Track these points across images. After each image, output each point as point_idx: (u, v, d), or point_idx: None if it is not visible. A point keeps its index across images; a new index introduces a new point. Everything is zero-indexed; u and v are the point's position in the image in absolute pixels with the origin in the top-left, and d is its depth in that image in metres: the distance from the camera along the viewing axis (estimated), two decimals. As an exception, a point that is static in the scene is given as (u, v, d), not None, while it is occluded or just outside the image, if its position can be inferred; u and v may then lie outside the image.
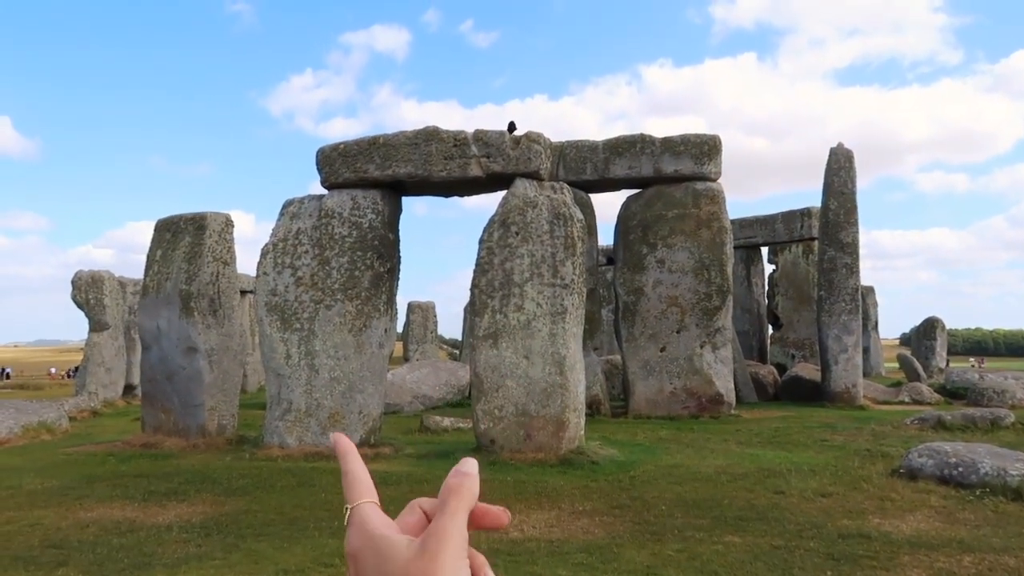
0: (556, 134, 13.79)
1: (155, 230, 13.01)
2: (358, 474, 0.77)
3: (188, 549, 5.98)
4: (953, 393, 19.06)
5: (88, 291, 21.48)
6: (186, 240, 12.40)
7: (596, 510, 7.11)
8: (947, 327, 31.55)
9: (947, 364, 30.96)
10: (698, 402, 15.10)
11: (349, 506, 0.74)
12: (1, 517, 7.10)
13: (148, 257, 12.81)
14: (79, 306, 21.61)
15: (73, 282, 21.70)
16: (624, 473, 8.90)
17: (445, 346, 45.76)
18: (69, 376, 42.80)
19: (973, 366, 37.20)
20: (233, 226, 12.86)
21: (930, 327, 30.26)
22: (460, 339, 34.95)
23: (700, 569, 5.25)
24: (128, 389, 22.51)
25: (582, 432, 10.33)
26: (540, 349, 10.08)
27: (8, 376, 43.20)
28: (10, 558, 5.76)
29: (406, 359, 30.26)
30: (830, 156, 18.06)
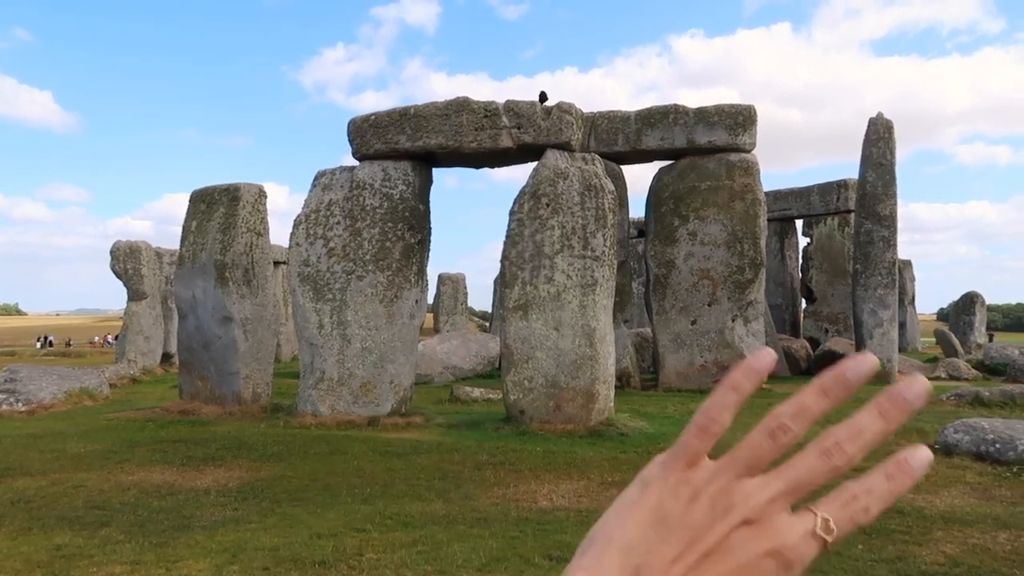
0: (586, 106, 13.61)
1: (190, 201, 13.19)
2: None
3: (225, 512, 6.13)
4: (992, 369, 18.70)
5: (126, 261, 21.91)
6: (220, 211, 12.55)
7: (625, 481, 7.07)
8: (987, 302, 30.86)
9: (991, 339, 30.33)
10: (729, 376, 15.01)
11: None
12: (47, 479, 7.34)
13: (184, 228, 13.00)
14: (118, 276, 22.08)
15: (112, 252, 22.14)
16: (653, 445, 8.90)
17: (475, 318, 45.98)
18: (100, 343, 43.93)
19: None
20: (266, 197, 12.98)
21: (969, 302, 29.62)
22: (489, 311, 35.10)
23: (729, 541, 5.25)
24: (166, 357, 23.02)
25: (611, 404, 10.34)
26: (570, 321, 10.08)
27: (51, 344, 44.43)
28: (56, 518, 5.96)
29: (436, 330, 30.48)
30: (869, 126, 17.63)
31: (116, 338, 27.38)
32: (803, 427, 0.52)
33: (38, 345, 43.94)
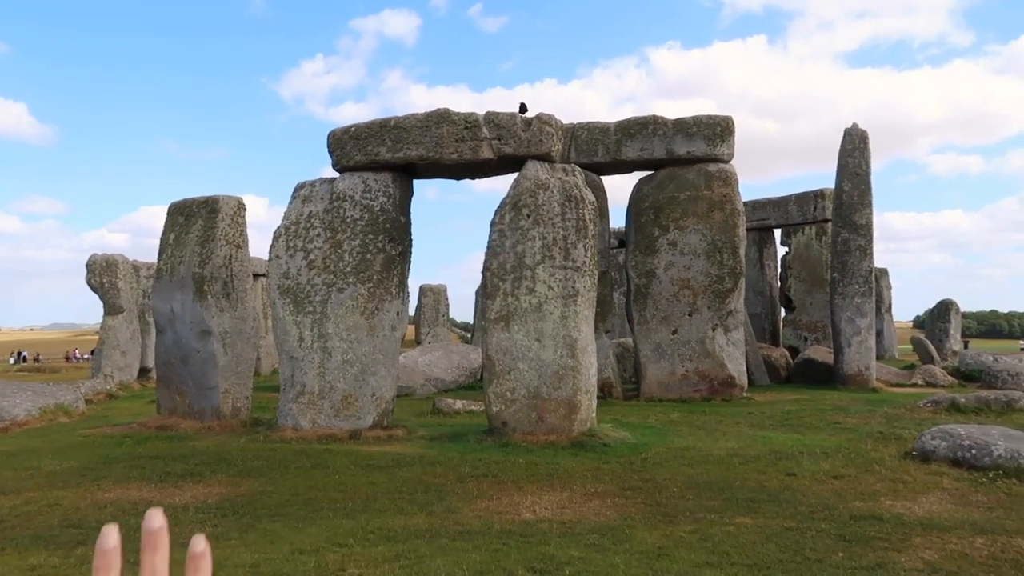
0: (566, 117, 13.68)
1: (168, 214, 13.07)
2: None
3: (205, 529, 6.05)
4: (967, 376, 18.95)
5: (102, 275, 21.65)
6: (199, 224, 12.45)
7: (608, 492, 7.14)
8: (962, 309, 31.33)
9: (966, 346, 30.76)
10: (710, 385, 15.10)
11: None
12: (21, 497, 7.21)
13: (161, 241, 12.87)
14: (94, 290, 21.80)
15: (88, 266, 21.87)
16: (636, 455, 8.92)
17: (456, 329, 45.88)
18: (68, 360, 43.31)
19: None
20: (245, 209, 12.90)
21: (944, 310, 30.05)
22: (471, 322, 35.04)
23: (712, 550, 5.26)
24: (143, 372, 22.73)
25: (594, 415, 10.35)
26: (552, 332, 10.09)
27: (25, 359, 43.72)
28: (30, 537, 5.86)
29: (418, 342, 30.38)
30: (844, 137, 17.88)
31: (92, 353, 26.98)
32: None
33: (11, 361, 43.23)
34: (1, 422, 12.42)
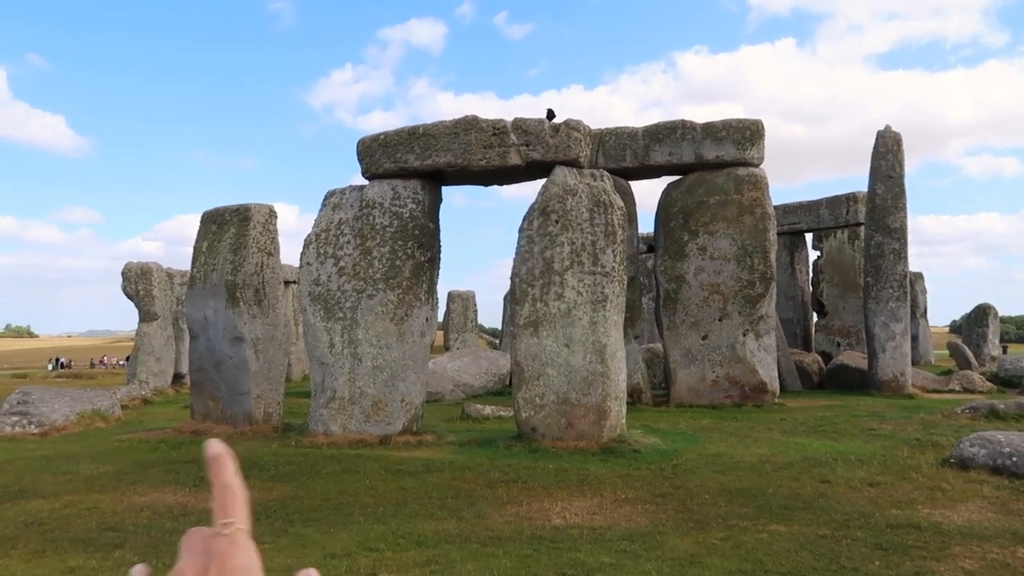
0: (593, 123, 13.69)
1: (201, 222, 13.28)
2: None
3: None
4: (1006, 381, 18.53)
5: (138, 282, 22.06)
6: (231, 231, 12.63)
7: (639, 498, 7.09)
8: (1000, 314, 30.63)
9: (1005, 351, 30.08)
10: (741, 391, 14.94)
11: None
12: (60, 501, 7.36)
13: (195, 248, 13.08)
14: (129, 297, 22.22)
15: (123, 274, 22.30)
16: (666, 462, 8.85)
17: (485, 335, 45.94)
18: (92, 366, 44.13)
19: None
20: (276, 217, 13.06)
21: (981, 314, 29.41)
22: (500, 328, 35.08)
23: (745, 557, 5.20)
24: (177, 378, 23.09)
25: (623, 420, 10.30)
26: (581, 337, 10.06)
27: (62, 365, 44.66)
28: (69, 540, 5.97)
29: (447, 348, 30.49)
30: (877, 139, 17.63)
31: (126, 360, 27.45)
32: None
33: (50, 367, 44.19)
34: (41, 427, 12.70)
